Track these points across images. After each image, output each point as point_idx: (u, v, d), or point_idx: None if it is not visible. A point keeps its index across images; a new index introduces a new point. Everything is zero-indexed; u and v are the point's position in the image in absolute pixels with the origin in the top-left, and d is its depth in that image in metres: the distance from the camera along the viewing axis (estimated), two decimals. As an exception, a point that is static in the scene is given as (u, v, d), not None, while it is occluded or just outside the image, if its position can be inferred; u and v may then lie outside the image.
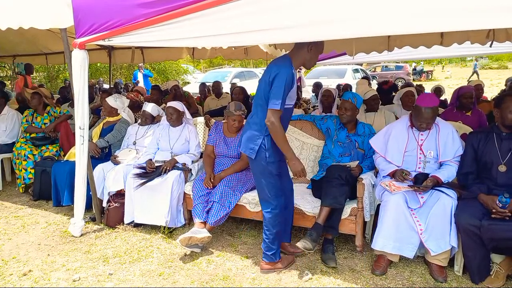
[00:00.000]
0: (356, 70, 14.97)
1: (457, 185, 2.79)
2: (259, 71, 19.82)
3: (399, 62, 21.20)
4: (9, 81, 13.05)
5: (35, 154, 4.55)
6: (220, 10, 2.64)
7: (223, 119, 3.80)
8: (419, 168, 2.93)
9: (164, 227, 3.41)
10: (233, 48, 7.11)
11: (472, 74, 22.35)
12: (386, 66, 21.89)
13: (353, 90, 9.24)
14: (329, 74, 13.96)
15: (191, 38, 2.91)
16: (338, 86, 8.36)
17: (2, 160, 4.86)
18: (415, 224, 2.65)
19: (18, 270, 2.87)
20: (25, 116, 4.86)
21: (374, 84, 11.26)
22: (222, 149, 3.58)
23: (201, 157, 3.84)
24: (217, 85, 6.76)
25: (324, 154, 3.47)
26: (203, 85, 8.37)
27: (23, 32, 3.75)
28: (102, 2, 3.07)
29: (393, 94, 6.21)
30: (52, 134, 4.79)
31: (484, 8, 2.02)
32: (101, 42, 3.21)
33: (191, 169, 3.64)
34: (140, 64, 11.93)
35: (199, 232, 3.02)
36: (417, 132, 2.95)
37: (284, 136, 2.56)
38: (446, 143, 2.89)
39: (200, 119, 4.61)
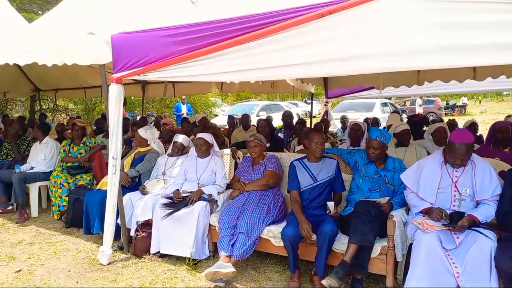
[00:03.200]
0: (385, 104, 14.82)
1: (496, 226, 2.64)
2: (286, 104, 20.07)
3: (430, 96, 20.85)
4: (50, 113, 13.82)
5: (70, 183, 4.72)
6: (248, 47, 2.77)
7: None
8: (453, 206, 2.80)
9: (189, 258, 3.39)
10: (261, 82, 7.26)
11: None
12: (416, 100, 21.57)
13: (382, 125, 9.16)
14: (357, 108, 13.86)
15: (220, 73, 3.04)
16: (366, 120, 8.29)
17: (39, 187, 5.07)
18: (450, 266, 2.50)
19: (47, 297, 2.92)
20: (63, 146, 5.09)
21: (404, 118, 11.09)
22: (248, 175, 3.73)
23: (227, 188, 3.89)
24: (245, 118, 6.88)
25: (352, 188, 3.40)
26: (231, 118, 8.54)
27: (66, 68, 4.00)
28: (138, 40, 3.26)
29: (424, 128, 6.08)
30: (87, 164, 4.97)
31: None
32: (136, 77, 3.38)
33: (217, 200, 3.65)
34: (183, 97, 12.40)
35: (224, 266, 2.98)
36: (452, 169, 2.85)
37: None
38: (483, 180, 2.76)
39: (227, 151, 4.68)
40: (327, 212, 3.05)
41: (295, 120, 7.59)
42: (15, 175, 4.81)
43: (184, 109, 12.74)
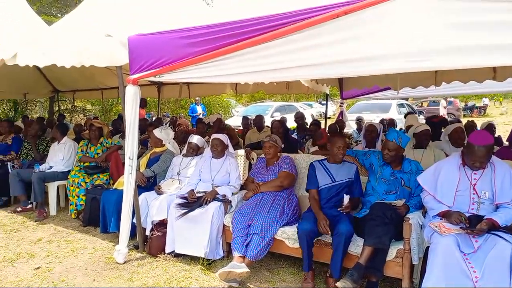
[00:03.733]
0: (401, 105, 14.57)
1: (516, 230, 2.58)
2: (300, 105, 19.98)
3: (448, 97, 20.44)
4: (68, 114, 14.10)
5: (87, 182, 4.80)
6: (262, 48, 2.77)
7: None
8: (472, 209, 2.74)
9: (203, 258, 3.41)
10: (275, 83, 7.25)
11: None
12: (434, 101, 21.18)
13: (398, 126, 9.03)
14: (373, 109, 13.69)
15: (235, 74, 3.05)
16: (382, 121, 8.19)
17: (58, 187, 5.17)
18: (469, 271, 2.45)
19: (64, 294, 2.98)
20: (81, 146, 5.19)
21: (421, 119, 10.91)
22: (263, 176, 3.73)
23: (241, 189, 3.90)
24: (259, 119, 6.88)
25: (367, 190, 3.37)
26: (245, 119, 8.55)
27: (83, 70, 4.08)
28: (154, 42, 3.30)
29: (443, 130, 5.97)
30: (103, 164, 5.05)
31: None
32: (152, 78, 3.42)
33: (231, 201, 3.67)
34: (197, 98, 12.50)
35: (238, 266, 2.99)
36: (470, 171, 2.79)
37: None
38: (502, 183, 2.69)
39: (241, 152, 4.69)
40: (340, 205, 3.11)
41: (309, 121, 7.55)
42: (34, 175, 4.93)
43: (199, 110, 12.85)
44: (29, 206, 5.16)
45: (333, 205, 3.24)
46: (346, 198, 3.15)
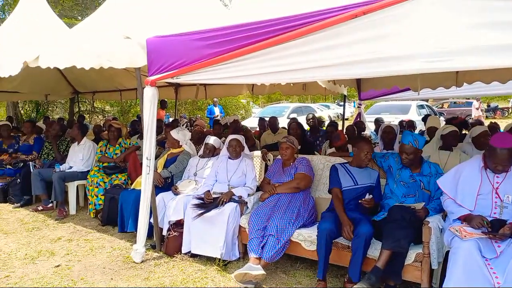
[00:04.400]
0: (421, 106, 14.26)
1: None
2: (317, 106, 19.85)
3: (469, 98, 19.96)
4: (88, 115, 14.40)
5: (106, 182, 4.89)
6: (279, 49, 2.76)
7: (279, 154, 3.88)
8: (494, 213, 2.66)
9: (219, 259, 3.42)
10: (292, 84, 7.23)
11: None
12: (455, 102, 20.72)
13: (417, 127, 8.86)
14: (392, 110, 13.44)
15: (252, 75, 3.04)
16: (401, 122, 8.05)
17: (77, 186, 5.28)
18: (491, 276, 2.37)
19: (83, 292, 3.04)
20: (100, 147, 5.28)
21: (441, 121, 10.67)
22: (279, 177, 3.72)
23: (257, 190, 3.90)
24: (273, 121, 6.87)
25: (385, 193, 3.31)
26: (262, 120, 8.54)
27: (103, 71, 4.15)
28: (171, 44, 3.33)
29: (464, 132, 5.83)
30: (122, 164, 5.13)
31: None
32: (169, 80, 3.46)
33: (247, 202, 3.66)
34: (215, 99, 12.53)
35: (254, 268, 2.98)
36: (492, 174, 2.71)
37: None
38: (526, 187, 2.61)
39: (257, 153, 4.68)
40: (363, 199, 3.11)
41: (325, 123, 7.48)
42: (55, 174, 5.04)
43: (217, 111, 12.89)
44: (50, 205, 5.28)
45: (353, 207, 3.19)
46: (369, 196, 3.12)
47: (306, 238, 3.19)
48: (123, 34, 3.64)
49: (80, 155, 5.37)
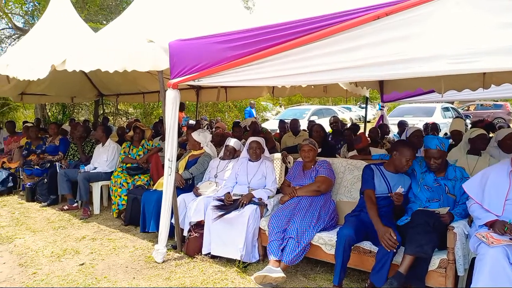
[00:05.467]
0: (446, 109, 13.87)
1: None
2: (338, 108, 19.64)
3: (497, 100, 19.32)
4: (112, 117, 14.74)
5: (129, 183, 4.99)
6: (300, 51, 2.75)
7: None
8: (523, 219, 2.57)
9: (239, 261, 3.43)
10: (312, 86, 7.19)
11: None
12: (481, 105, 20.08)
13: (442, 130, 8.64)
14: (415, 112, 13.10)
15: (273, 78, 3.05)
16: (426, 125, 7.87)
17: (101, 186, 5.41)
18: (519, 285, 2.29)
19: (106, 290, 3.11)
20: (123, 148, 5.40)
21: (468, 124, 10.38)
22: (299, 180, 3.68)
23: (277, 193, 3.89)
24: (294, 123, 6.85)
25: (409, 198, 3.23)
26: (282, 122, 8.52)
27: (126, 74, 4.24)
28: (193, 47, 3.37)
29: (490, 135, 5.64)
30: (144, 165, 5.22)
31: None
32: (191, 82, 3.50)
33: (267, 205, 3.66)
34: (252, 101, 12.45)
35: (273, 271, 2.98)
36: (521, 178, 2.62)
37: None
38: (558, 192, 2.51)
39: (277, 155, 4.68)
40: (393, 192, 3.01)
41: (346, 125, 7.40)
42: (80, 175, 5.18)
43: (255, 113, 12.63)
44: (75, 204, 5.42)
45: (382, 214, 3.02)
46: (400, 189, 3.00)
47: (327, 242, 3.16)
48: (147, 38, 3.70)
49: (104, 156, 5.50)
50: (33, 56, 5.42)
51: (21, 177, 6.32)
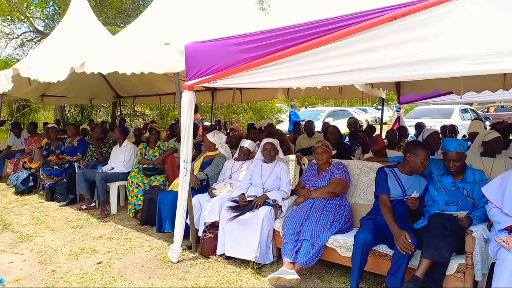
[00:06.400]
0: (465, 110, 13.55)
1: None
2: (354, 110, 19.46)
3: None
4: (129, 118, 14.96)
5: (145, 183, 5.05)
6: (315, 52, 2.74)
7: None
8: (545, 224, 2.50)
9: (253, 262, 3.44)
10: (328, 88, 7.15)
11: None
12: (502, 106, 19.58)
13: (460, 132, 8.46)
14: (433, 114, 12.85)
15: (288, 79, 3.04)
16: (443, 127, 7.72)
17: (118, 187, 5.50)
18: (541, 291, 2.23)
19: (123, 289, 3.16)
20: (140, 149, 5.48)
21: (487, 126, 10.12)
22: (314, 182, 3.68)
23: (291, 194, 3.88)
24: (309, 125, 6.83)
25: (426, 201, 3.17)
26: (296, 124, 8.51)
27: (143, 77, 4.30)
28: (209, 49, 3.40)
29: (511, 137, 5.51)
30: (160, 166, 5.29)
31: None
32: (206, 84, 3.53)
33: (281, 206, 3.66)
34: (293, 103, 12.33)
35: (288, 273, 2.97)
36: (543, 182, 2.55)
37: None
38: None
39: (292, 157, 4.67)
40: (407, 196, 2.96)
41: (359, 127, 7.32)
42: (97, 175, 5.28)
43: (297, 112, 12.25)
44: (93, 204, 5.52)
45: (397, 218, 2.97)
46: (416, 194, 2.95)
47: (342, 244, 3.13)
48: (163, 41, 3.76)
49: (122, 157, 5.59)
50: (53, 59, 5.56)
51: (41, 177, 6.47)
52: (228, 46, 3.26)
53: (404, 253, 2.68)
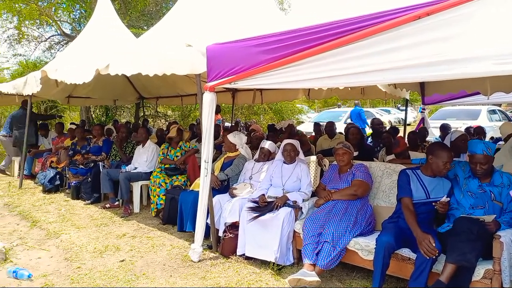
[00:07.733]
0: (493, 111, 13.03)
1: None
2: (376, 111, 19.12)
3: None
4: (152, 119, 15.21)
5: (167, 183, 5.13)
6: (338, 52, 2.71)
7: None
8: None
9: (274, 263, 3.43)
10: (349, 88, 7.07)
11: None
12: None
13: (488, 134, 8.19)
14: (459, 115, 12.43)
15: (309, 80, 3.03)
16: (468, 129, 7.46)
17: (141, 186, 5.60)
18: None
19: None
20: (162, 149, 5.57)
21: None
22: (335, 183, 3.65)
23: (312, 196, 3.85)
24: (330, 126, 6.77)
25: (451, 204, 3.09)
26: (317, 125, 8.44)
27: (165, 78, 4.36)
28: (230, 50, 3.42)
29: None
30: (182, 166, 5.36)
31: None
32: (227, 85, 3.55)
33: (301, 207, 3.64)
34: (356, 101, 12.05)
35: (308, 275, 2.95)
36: None
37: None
38: None
39: (313, 158, 4.63)
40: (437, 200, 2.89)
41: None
42: (121, 175, 5.40)
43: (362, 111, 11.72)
44: (116, 203, 5.65)
45: (421, 221, 2.91)
46: (445, 199, 2.88)
47: (363, 247, 3.09)
48: (185, 42, 3.80)
49: (144, 157, 5.69)
50: (79, 61, 5.73)
51: (67, 175, 6.67)
52: (249, 47, 3.27)
53: (428, 257, 2.62)
